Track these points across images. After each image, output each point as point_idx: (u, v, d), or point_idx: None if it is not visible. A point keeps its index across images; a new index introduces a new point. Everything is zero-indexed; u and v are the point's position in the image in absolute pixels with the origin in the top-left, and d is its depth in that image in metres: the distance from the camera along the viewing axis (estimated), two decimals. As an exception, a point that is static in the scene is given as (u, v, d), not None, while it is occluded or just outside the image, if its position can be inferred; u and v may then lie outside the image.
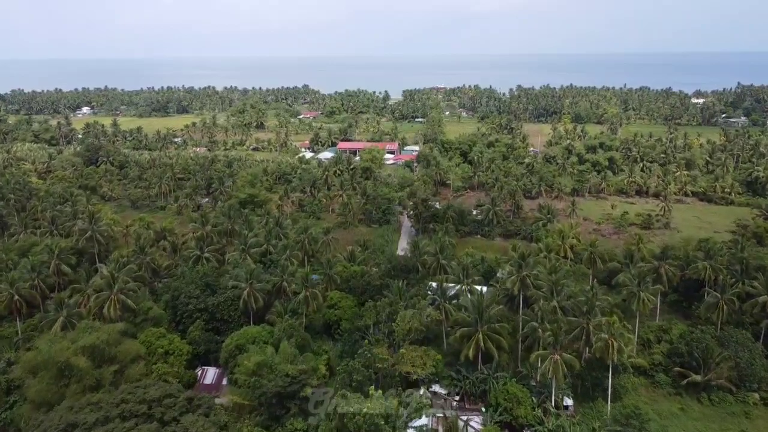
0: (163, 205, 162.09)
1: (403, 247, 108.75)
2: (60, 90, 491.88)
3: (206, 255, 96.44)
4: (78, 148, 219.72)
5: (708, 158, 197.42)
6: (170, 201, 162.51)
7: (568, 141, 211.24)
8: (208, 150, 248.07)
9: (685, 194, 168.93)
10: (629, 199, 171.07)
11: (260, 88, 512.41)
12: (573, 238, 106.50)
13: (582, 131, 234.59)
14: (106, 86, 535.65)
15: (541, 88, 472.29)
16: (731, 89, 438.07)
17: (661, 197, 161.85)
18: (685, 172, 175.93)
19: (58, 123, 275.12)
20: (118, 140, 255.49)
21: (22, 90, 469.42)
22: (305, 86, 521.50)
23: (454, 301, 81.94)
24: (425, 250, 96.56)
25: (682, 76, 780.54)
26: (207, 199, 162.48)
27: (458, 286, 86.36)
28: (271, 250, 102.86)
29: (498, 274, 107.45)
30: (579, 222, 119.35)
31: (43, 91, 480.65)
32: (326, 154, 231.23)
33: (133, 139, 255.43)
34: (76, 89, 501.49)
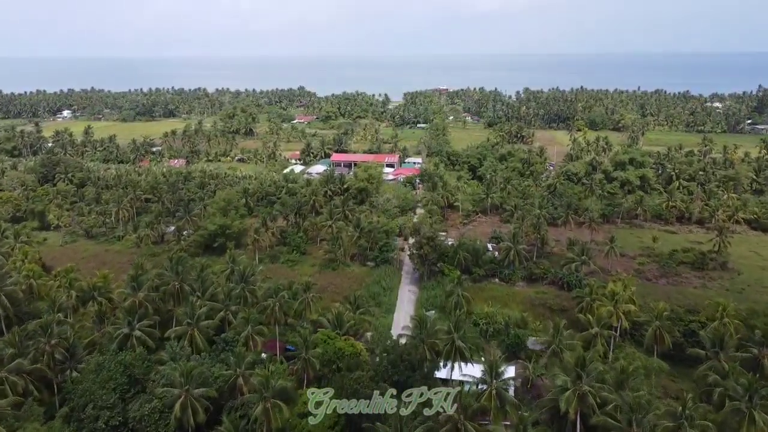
0: (122, 234, 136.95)
1: (405, 319, 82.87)
2: (43, 91, 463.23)
3: (137, 333, 70.69)
4: (33, 163, 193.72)
5: (754, 176, 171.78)
6: (129, 229, 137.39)
7: (593, 155, 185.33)
8: (187, 162, 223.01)
9: (736, 221, 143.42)
10: (668, 226, 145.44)
11: (254, 90, 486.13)
12: (628, 302, 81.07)
13: (606, 143, 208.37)
14: (92, 87, 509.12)
15: (550, 90, 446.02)
16: (752, 93, 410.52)
17: (709, 226, 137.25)
18: (734, 195, 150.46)
19: (21, 131, 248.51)
20: (87, 151, 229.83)
21: (1, 91, 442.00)
22: (301, 88, 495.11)
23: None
24: (435, 329, 71.21)
25: (689, 77, 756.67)
26: (173, 228, 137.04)
27: (484, 388, 61.42)
28: (230, 318, 77.66)
29: (529, 344, 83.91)
30: (633, 279, 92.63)
31: (24, 92, 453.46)
32: (318, 168, 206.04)
33: (104, 149, 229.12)
34: (61, 90, 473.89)
